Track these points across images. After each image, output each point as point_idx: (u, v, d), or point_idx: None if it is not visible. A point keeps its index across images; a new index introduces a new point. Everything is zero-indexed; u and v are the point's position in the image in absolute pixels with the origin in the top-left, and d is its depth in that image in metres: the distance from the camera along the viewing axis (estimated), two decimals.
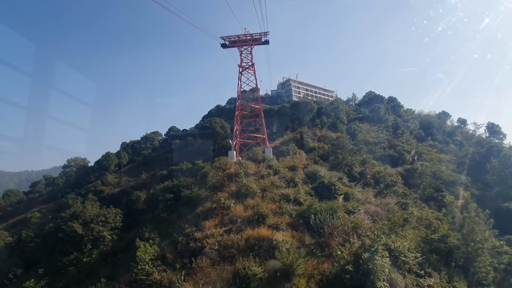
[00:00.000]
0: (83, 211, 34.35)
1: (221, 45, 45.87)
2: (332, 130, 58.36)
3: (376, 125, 62.21)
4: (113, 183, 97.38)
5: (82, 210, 34.84)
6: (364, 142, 51.06)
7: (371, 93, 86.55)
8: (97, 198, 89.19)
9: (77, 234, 30.96)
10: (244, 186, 25.63)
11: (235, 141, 41.70)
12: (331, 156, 42.73)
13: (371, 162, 42.49)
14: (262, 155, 34.26)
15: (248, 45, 45.80)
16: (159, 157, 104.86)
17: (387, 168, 44.42)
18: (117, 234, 34.69)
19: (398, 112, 76.80)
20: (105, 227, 33.53)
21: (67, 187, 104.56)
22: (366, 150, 47.05)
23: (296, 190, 27.37)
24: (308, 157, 42.91)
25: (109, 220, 34.81)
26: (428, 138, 63.13)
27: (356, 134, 54.84)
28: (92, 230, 32.09)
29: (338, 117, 62.81)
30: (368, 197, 29.37)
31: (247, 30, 46.40)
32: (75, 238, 31.01)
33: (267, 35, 45.27)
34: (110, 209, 37.14)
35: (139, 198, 71.12)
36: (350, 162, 39.07)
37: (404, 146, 51.02)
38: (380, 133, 56.86)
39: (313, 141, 51.59)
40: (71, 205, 79.23)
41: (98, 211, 35.62)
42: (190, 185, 30.87)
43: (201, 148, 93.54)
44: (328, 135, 54.56)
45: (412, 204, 32.24)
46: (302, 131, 52.37)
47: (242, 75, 45.81)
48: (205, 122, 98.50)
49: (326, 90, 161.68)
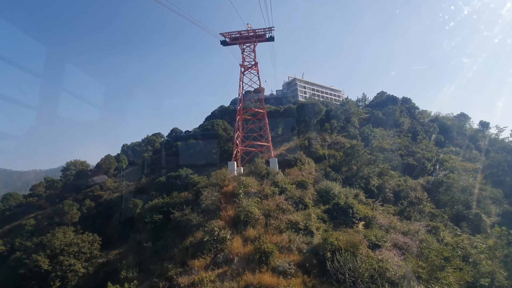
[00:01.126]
0: (51, 241, 29.75)
1: (220, 42, 41.34)
2: (342, 134, 53.40)
3: (391, 129, 57.01)
4: (112, 187, 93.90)
5: (51, 239, 30.18)
6: (379, 149, 46.05)
7: (383, 93, 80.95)
8: (95, 204, 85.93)
9: (43, 270, 26.43)
10: (244, 211, 21.06)
11: (235, 150, 37.16)
12: (344, 166, 37.92)
13: (389, 173, 37.52)
14: (266, 169, 29.60)
15: (251, 42, 41.21)
16: (160, 160, 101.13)
17: (407, 179, 39.44)
18: (95, 265, 30.05)
19: (413, 114, 71.32)
20: (79, 259, 28.98)
21: (65, 191, 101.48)
22: (383, 158, 42.09)
23: (306, 214, 22.69)
24: (318, 167, 38.15)
25: (83, 250, 30.33)
26: (447, 142, 57.73)
27: (370, 139, 49.79)
28: (62, 263, 27.70)
29: (349, 120, 57.78)
30: (392, 221, 24.55)
31: (249, 26, 41.81)
32: (40, 274, 26.56)
33: (272, 30, 40.63)
34: (86, 236, 32.79)
35: (136, 205, 67.22)
36: (367, 174, 34.21)
37: (425, 154, 45.85)
38: (397, 138, 51.66)
39: (322, 147, 46.77)
40: (66, 212, 76.00)
41: (71, 239, 31.09)
42: (182, 204, 26.45)
43: (203, 151, 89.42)
44: (339, 141, 49.68)
45: (442, 228, 27.38)
46: (310, 137, 47.52)
47: (244, 75, 41.29)
48: (207, 125, 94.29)
49: (333, 89, 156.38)
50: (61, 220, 77.78)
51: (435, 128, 56.72)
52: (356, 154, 35.81)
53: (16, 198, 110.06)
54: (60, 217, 77.44)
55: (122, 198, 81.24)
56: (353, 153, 35.94)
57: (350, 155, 36.33)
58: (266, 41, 41.47)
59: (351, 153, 36.22)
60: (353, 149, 36.11)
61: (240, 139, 38.33)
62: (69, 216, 75.41)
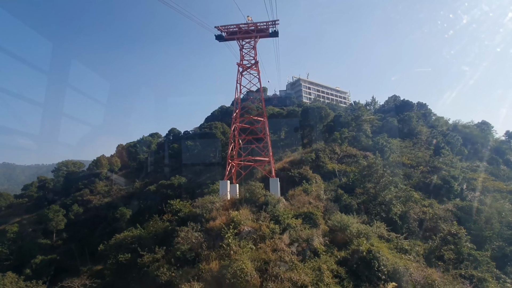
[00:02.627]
0: None
1: (215, 37, 35.23)
2: (353, 145, 47.15)
3: (408, 139, 50.68)
4: (103, 192, 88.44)
5: None
6: (396, 164, 39.84)
7: (395, 97, 74.28)
8: (84, 209, 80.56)
9: None
10: (231, 270, 15.04)
11: (229, 165, 31.14)
12: (359, 186, 31.81)
13: (413, 196, 31.30)
14: (264, 196, 23.48)
15: (251, 37, 35.08)
16: (156, 163, 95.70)
17: (433, 204, 33.17)
18: None
19: (429, 121, 64.85)
20: None
21: (55, 194, 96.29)
22: (402, 176, 35.87)
23: (316, 269, 16.65)
24: (327, 187, 32.07)
25: None
26: (470, 156, 51.22)
27: (385, 151, 43.48)
28: None
29: (360, 128, 51.51)
30: (429, 276, 18.47)
31: (250, 19, 35.69)
32: None
33: (276, 24, 34.46)
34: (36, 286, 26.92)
35: (124, 215, 61.65)
36: (388, 200, 28.07)
37: (450, 171, 39.51)
38: (416, 151, 45.31)
39: (331, 160, 40.67)
40: (51, 218, 70.55)
41: None
42: (155, 241, 20.56)
43: (201, 153, 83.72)
44: (350, 153, 43.52)
45: (489, 279, 21.26)
46: (317, 148, 41.42)
47: (243, 76, 35.21)
48: (205, 127, 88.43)
49: (338, 91, 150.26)
50: (46, 227, 72.45)
51: (458, 139, 50.27)
52: (373, 174, 29.62)
53: (6, 198, 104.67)
54: (45, 224, 72.11)
55: (111, 205, 75.81)
56: (371, 173, 29.73)
57: (367, 175, 30.12)
58: (269, 37, 35.32)
59: (368, 173, 30.01)
60: (370, 168, 29.89)
61: (236, 151, 32.30)
62: (53, 223, 70.03)
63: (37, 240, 70.19)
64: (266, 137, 30.64)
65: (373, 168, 29.62)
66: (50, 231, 70.52)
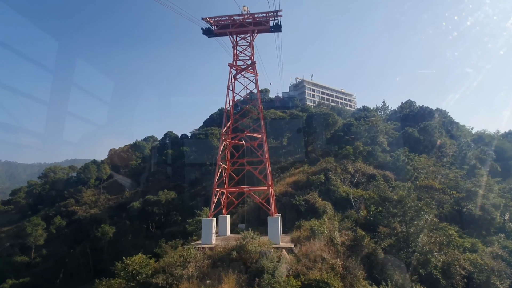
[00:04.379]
0: None
1: (203, 32, 28.22)
2: (368, 160, 39.94)
3: (431, 154, 43.38)
4: (90, 202, 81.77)
5: None
6: (425, 188, 32.63)
7: (411, 103, 66.59)
8: (68, 221, 74.00)
9: None
10: None
11: (218, 193, 24.07)
12: (382, 223, 24.71)
13: (455, 239, 24.09)
14: (259, 257, 16.28)
15: (248, 31, 28.07)
16: (148, 170, 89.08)
17: (476, 245, 25.98)
18: None
19: (450, 131, 57.41)
20: None
21: (39, 203, 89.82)
22: (434, 207, 28.60)
23: None
24: (342, 226, 24.91)
25: None
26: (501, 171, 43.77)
27: (408, 171, 36.28)
28: None
29: (375, 140, 44.32)
30: None
31: (246, 9, 28.69)
32: None
33: (279, 16, 27.44)
34: None
35: (106, 234, 54.91)
36: (426, 250, 20.90)
37: (489, 197, 32.17)
38: (446, 169, 37.96)
39: (343, 182, 33.52)
40: (29, 234, 64.12)
41: None
42: None
43: (197, 160, 77.02)
44: (365, 172, 36.32)
45: None
46: (327, 168, 34.28)
47: (237, 80, 28.20)
48: (200, 133, 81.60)
49: (343, 93, 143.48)
50: (24, 242, 66.01)
51: (490, 154, 42.92)
52: (407, 212, 22.40)
53: None
54: (24, 238, 65.74)
55: (95, 219, 69.21)
56: (404, 212, 22.49)
57: (399, 215, 22.91)
58: (270, 32, 28.31)
59: (400, 211, 22.79)
60: (402, 204, 22.64)
61: (226, 176, 25.21)
62: (32, 238, 63.65)
63: (13, 257, 63.67)
64: (265, 161, 23.54)
65: (405, 203, 22.44)
66: (29, 246, 64.22)
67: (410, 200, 22.51)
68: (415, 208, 22.27)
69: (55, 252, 64.69)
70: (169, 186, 76.44)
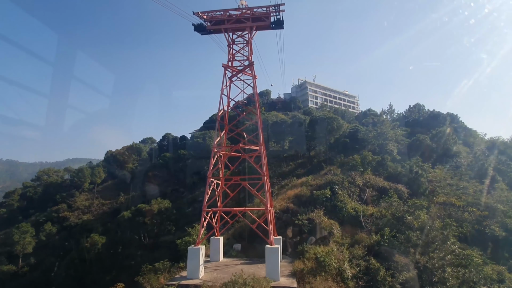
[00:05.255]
0: None
1: (194, 28, 24.90)
2: (376, 170, 36.44)
3: (444, 164, 39.85)
4: (83, 207, 78.60)
5: None
6: (443, 205, 29.12)
7: (419, 107, 62.98)
8: (59, 227, 70.97)
9: None
10: None
11: (208, 215, 20.69)
12: (399, 250, 21.28)
13: (482, 270, 20.63)
14: None
15: (246, 28, 24.73)
16: (145, 173, 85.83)
17: (503, 273, 22.57)
18: None
19: (461, 136, 53.81)
20: None
21: (31, 207, 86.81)
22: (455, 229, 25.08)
23: None
24: (352, 253, 21.52)
25: None
26: None
27: (422, 184, 32.79)
28: None
29: (385, 148, 40.87)
30: None
31: (244, 3, 25.40)
32: None
33: (281, 11, 24.10)
34: None
35: (95, 245, 51.58)
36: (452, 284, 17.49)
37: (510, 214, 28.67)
38: (464, 183, 34.35)
39: (351, 197, 30.11)
40: (16, 241, 61.13)
41: None
42: None
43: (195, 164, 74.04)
44: (375, 184, 32.87)
45: None
46: (333, 180, 30.86)
47: (233, 83, 24.87)
48: (198, 136, 78.43)
49: (347, 95, 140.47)
50: (12, 249, 63.08)
51: (509, 165, 39.36)
52: (431, 242, 18.95)
53: None
54: (11, 246, 62.75)
55: (87, 226, 66.09)
56: (426, 243, 19.05)
57: (420, 245, 19.45)
58: (270, 29, 24.97)
59: (420, 240, 19.34)
60: (424, 233, 19.19)
61: (218, 197, 21.80)
62: (19, 247, 60.59)
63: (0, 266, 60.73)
64: (263, 178, 20.16)
65: (429, 233, 19.00)
66: (16, 255, 61.23)
67: (435, 229, 19.04)
68: (440, 237, 18.83)
69: (44, 261, 61.59)
70: (166, 190, 73.41)
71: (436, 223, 20.25)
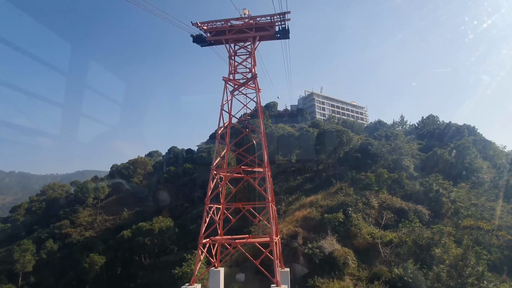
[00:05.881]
0: None
1: (193, 40, 23.21)
2: (392, 189, 33.52)
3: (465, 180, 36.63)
4: (85, 223, 76.83)
5: None
6: (469, 229, 26.06)
7: (433, 118, 59.81)
8: (60, 245, 69.30)
9: None
10: None
11: (205, 246, 18.34)
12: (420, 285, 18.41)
13: None
14: None
15: (248, 38, 22.91)
16: (150, 187, 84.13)
17: None
18: None
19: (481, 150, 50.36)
20: None
21: (35, 223, 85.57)
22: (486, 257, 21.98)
23: None
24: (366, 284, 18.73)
25: None
26: None
27: (444, 204, 29.77)
28: None
29: (400, 163, 38.03)
30: None
31: (247, 12, 23.70)
32: None
33: (286, 20, 22.25)
34: None
35: (94, 265, 49.32)
36: None
37: None
38: (491, 202, 31.14)
39: (366, 221, 27.33)
40: (16, 260, 59.37)
41: None
42: None
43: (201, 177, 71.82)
44: (392, 205, 30.00)
45: None
46: (346, 202, 28.17)
47: (234, 97, 22.90)
48: (203, 151, 76.61)
49: (355, 106, 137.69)
50: (11, 268, 61.32)
51: None
52: (465, 281, 16.14)
53: None
54: (12, 264, 60.97)
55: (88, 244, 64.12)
56: (461, 283, 16.26)
57: (452, 285, 16.63)
58: (275, 39, 23.10)
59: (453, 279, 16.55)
60: (457, 270, 16.40)
61: (220, 223, 19.48)
62: (19, 265, 58.73)
63: None
64: (268, 205, 17.80)
65: (464, 269, 16.19)
66: (16, 273, 59.43)
67: (469, 265, 16.22)
68: (475, 275, 15.99)
69: (44, 279, 59.67)
70: (171, 205, 71.34)
71: (469, 256, 17.35)
